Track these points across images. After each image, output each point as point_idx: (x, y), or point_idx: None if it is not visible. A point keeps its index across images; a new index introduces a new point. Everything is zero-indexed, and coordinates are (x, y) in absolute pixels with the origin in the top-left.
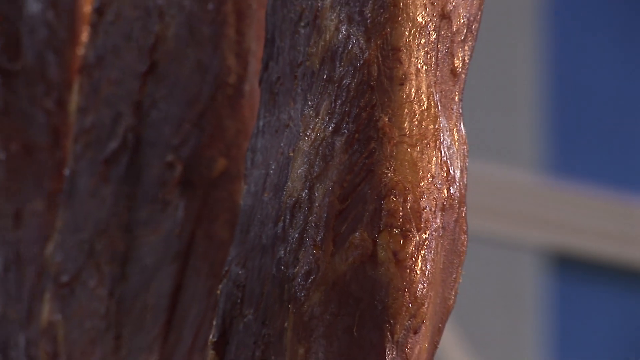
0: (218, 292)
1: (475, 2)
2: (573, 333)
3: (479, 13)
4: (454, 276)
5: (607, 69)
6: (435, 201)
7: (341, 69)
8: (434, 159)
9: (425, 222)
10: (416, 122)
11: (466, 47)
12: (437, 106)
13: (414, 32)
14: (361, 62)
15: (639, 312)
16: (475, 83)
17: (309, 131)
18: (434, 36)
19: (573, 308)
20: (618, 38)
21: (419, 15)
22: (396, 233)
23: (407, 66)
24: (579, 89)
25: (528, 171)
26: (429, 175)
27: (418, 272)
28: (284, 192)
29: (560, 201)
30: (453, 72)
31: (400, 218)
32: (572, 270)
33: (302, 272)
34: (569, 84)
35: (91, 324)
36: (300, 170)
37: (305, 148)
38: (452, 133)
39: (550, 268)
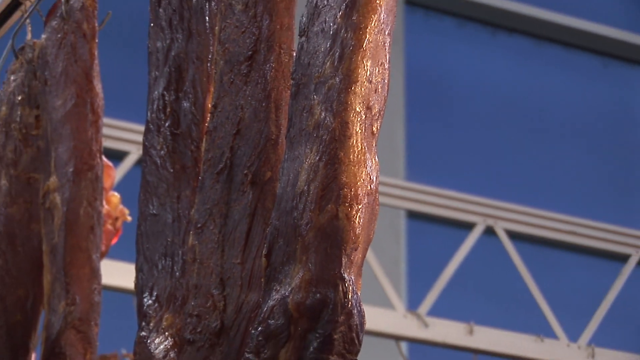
0: (267, 231)
1: (382, 100)
2: (420, 256)
3: (384, 106)
4: (373, 225)
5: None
6: (365, 191)
7: (322, 131)
8: (364, 172)
9: (360, 200)
10: (356, 156)
11: (379, 122)
12: (365, 149)
13: (355, 115)
14: (331, 128)
15: (454, 244)
16: None
17: (308, 159)
18: (364, 117)
19: (419, 242)
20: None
21: (357, 107)
22: (347, 205)
23: (351, 130)
24: (435, 127)
25: (399, 174)
26: (362, 180)
27: (357, 223)
28: (296, 187)
29: (414, 190)
30: (372, 133)
31: (349, 198)
32: (420, 224)
33: (304, 222)
34: (427, 122)
35: (210, 245)
36: (304, 177)
37: (306, 167)
38: (372, 161)
39: (409, 221)
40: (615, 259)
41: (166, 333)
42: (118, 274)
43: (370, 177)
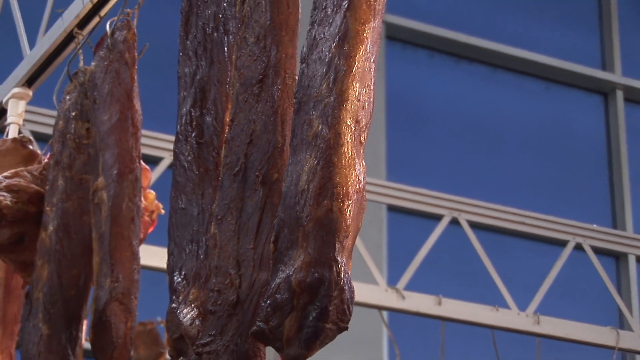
0: (274, 222)
1: (368, 116)
2: (398, 242)
3: (370, 120)
4: (361, 217)
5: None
6: (354, 189)
7: (319, 141)
8: (354, 174)
9: (350, 197)
10: (347, 161)
11: (365, 133)
12: (354, 155)
13: (346, 127)
14: (326, 138)
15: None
16: None
17: (308, 163)
18: (353, 129)
19: (398, 230)
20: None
21: (347, 121)
22: (340, 201)
23: (343, 140)
24: (410, 137)
25: (382, 176)
26: (352, 180)
27: (348, 215)
28: (298, 186)
29: (394, 188)
30: (360, 142)
31: (341, 195)
32: (398, 215)
33: (305, 215)
34: (403, 133)
35: (228, 234)
36: (304, 178)
37: (306, 169)
38: (360, 165)
39: (389, 213)
40: (556, 244)
41: (192, 305)
42: (154, 256)
43: (358, 178)
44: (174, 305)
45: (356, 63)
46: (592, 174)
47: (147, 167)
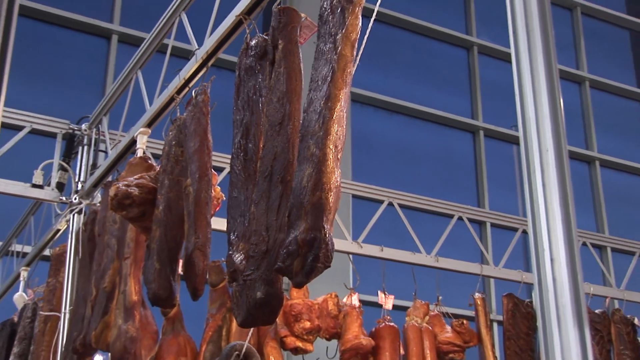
0: (288, 205)
1: (343, 143)
2: (359, 216)
3: (343, 145)
4: (338, 202)
5: (387, 139)
6: (335, 186)
7: (314, 158)
8: (334, 177)
9: (332, 190)
10: (330, 169)
11: (341, 153)
12: (334, 165)
13: (329, 150)
14: (318, 156)
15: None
16: None
17: (307, 171)
18: (334, 151)
19: (358, 210)
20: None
21: (331, 146)
22: (326, 192)
23: (328, 157)
24: (365, 156)
25: (349, 177)
26: (333, 180)
27: (331, 201)
28: (301, 184)
29: (356, 184)
30: (338, 159)
31: (327, 189)
32: (359, 201)
33: (306, 201)
34: (361, 154)
35: (261, 211)
36: (305, 179)
37: (306, 174)
38: (338, 172)
39: (354, 200)
40: (447, 216)
41: (241, 252)
42: (219, 224)
43: (337, 179)
44: (230, 252)
45: (335, 113)
46: (466, 177)
47: (215, 173)
